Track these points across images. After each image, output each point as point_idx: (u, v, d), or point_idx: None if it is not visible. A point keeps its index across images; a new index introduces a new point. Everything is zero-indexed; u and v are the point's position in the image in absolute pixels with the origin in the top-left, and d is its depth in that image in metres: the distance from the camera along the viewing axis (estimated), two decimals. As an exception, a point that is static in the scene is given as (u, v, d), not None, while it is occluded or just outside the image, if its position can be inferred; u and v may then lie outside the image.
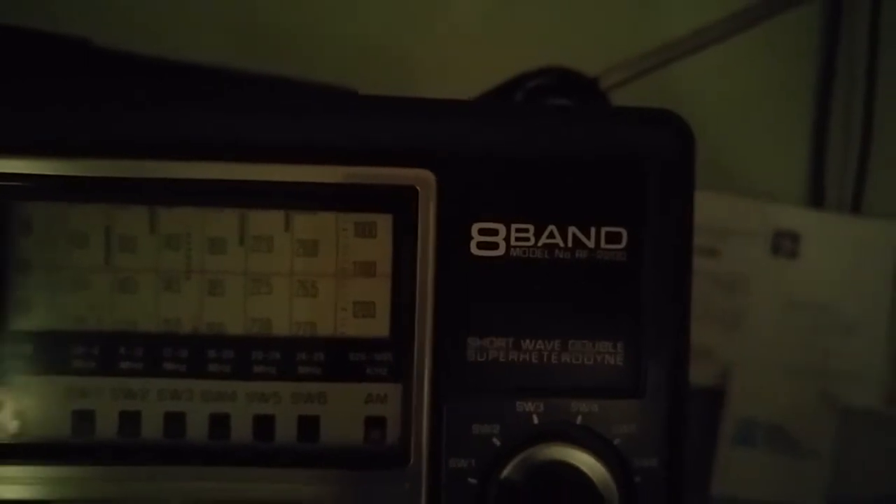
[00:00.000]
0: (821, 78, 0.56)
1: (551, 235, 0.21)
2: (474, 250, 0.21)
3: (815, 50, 0.55)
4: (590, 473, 0.20)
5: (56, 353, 0.21)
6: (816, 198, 0.57)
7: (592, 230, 0.21)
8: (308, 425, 0.21)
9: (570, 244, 0.21)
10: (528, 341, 0.21)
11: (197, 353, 0.21)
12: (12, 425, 0.21)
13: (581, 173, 0.21)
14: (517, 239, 0.21)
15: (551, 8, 0.50)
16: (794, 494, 0.55)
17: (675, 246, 0.21)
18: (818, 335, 0.56)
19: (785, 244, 0.56)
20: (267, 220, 0.21)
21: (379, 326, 0.21)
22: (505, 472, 0.20)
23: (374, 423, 0.21)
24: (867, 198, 0.56)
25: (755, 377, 0.55)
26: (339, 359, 0.21)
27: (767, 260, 0.55)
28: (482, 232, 0.21)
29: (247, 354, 0.21)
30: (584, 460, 0.20)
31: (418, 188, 0.21)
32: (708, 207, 0.44)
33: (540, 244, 0.21)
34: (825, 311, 0.56)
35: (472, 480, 0.20)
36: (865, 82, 0.56)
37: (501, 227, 0.21)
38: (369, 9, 0.48)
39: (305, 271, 0.21)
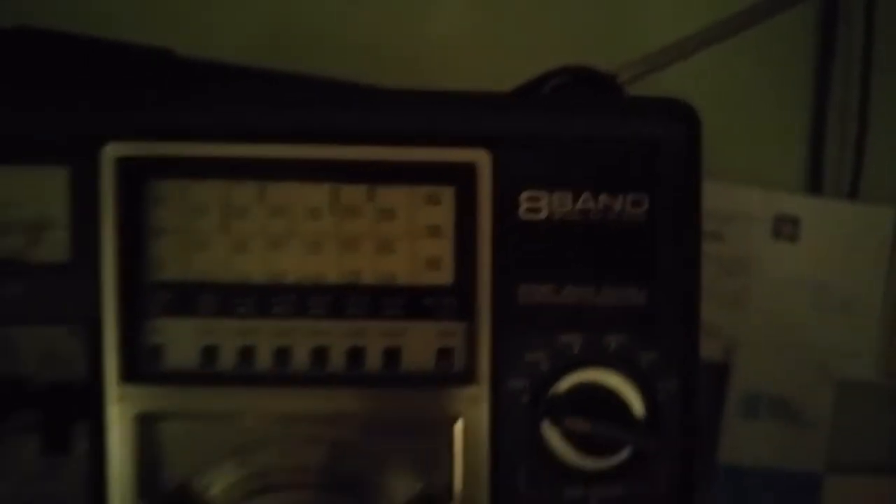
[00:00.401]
0: (818, 71, 0.58)
1: (586, 201, 0.25)
2: (522, 215, 0.26)
3: (812, 45, 0.57)
4: (621, 392, 0.24)
5: (186, 300, 0.25)
6: (815, 185, 0.59)
7: (620, 196, 0.25)
8: (392, 355, 0.25)
9: (601, 208, 0.25)
10: (567, 287, 0.25)
11: (299, 299, 0.25)
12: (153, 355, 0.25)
13: (609, 151, 0.25)
14: (558, 205, 0.25)
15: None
16: (795, 461, 0.57)
17: (686, 208, 0.25)
18: (817, 312, 0.58)
19: (785, 228, 0.58)
20: (355, 193, 0.26)
21: (445, 276, 0.26)
22: (551, 391, 0.24)
23: (444, 354, 0.25)
24: (863, 184, 0.58)
25: (758, 353, 0.57)
26: (416, 302, 0.25)
27: (769, 243, 0.57)
28: (529, 199, 0.25)
29: (342, 299, 0.25)
30: (615, 381, 0.24)
31: (476, 165, 0.25)
32: (712, 195, 0.45)
33: (577, 209, 0.25)
34: (823, 290, 0.58)
35: (524, 398, 0.24)
36: (861, 76, 0.58)
37: (545, 196, 0.25)
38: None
39: (386, 233, 0.26)
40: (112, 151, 0.23)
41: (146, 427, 0.24)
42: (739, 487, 0.56)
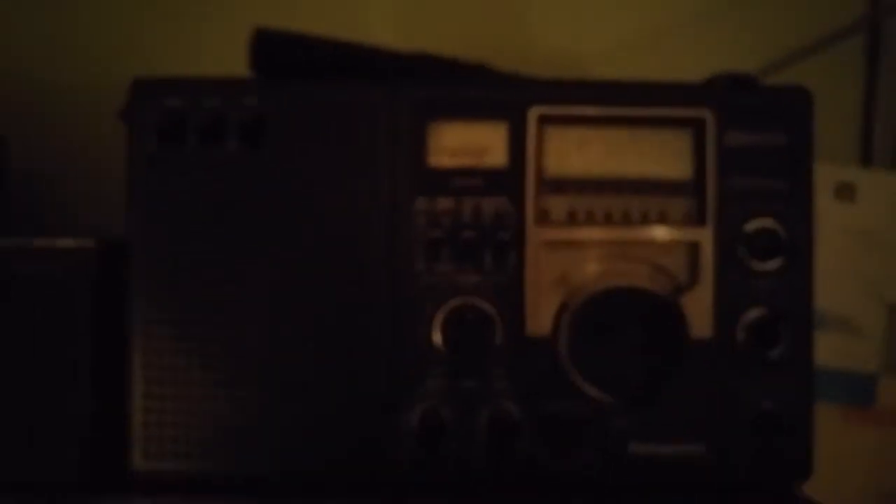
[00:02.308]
0: (868, 65, 0.74)
1: (755, 139, 0.45)
2: (727, 142, 0.44)
3: (860, 44, 0.73)
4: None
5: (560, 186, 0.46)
6: (866, 158, 0.75)
7: (770, 136, 0.45)
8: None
9: (761, 142, 0.45)
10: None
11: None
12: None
13: (766, 112, 0.46)
14: (739, 138, 0.45)
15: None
16: (855, 363, 0.70)
17: (809, 149, 0.45)
18: (871, 253, 0.71)
19: (844, 192, 0.72)
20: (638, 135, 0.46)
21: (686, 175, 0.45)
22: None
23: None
24: None
25: (826, 283, 0.64)
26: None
27: (833, 203, 0.72)
28: (730, 137, 0.44)
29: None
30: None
31: (706, 119, 0.44)
32: None
33: (749, 142, 0.45)
34: (874, 237, 0.72)
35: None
36: None
37: (740, 134, 0.44)
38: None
39: (652, 165, 0.46)
40: (535, 112, 0.43)
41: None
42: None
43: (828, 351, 0.70)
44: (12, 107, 0.68)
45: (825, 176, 0.71)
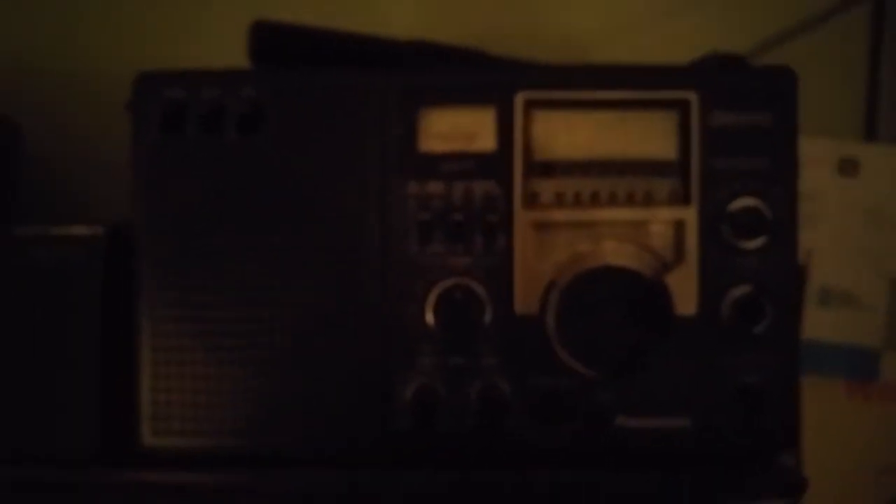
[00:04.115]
0: (872, 47, 0.74)
1: (740, 118, 0.46)
2: (712, 123, 0.45)
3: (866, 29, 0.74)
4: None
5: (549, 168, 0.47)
6: (870, 133, 0.74)
7: (755, 116, 0.46)
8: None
9: (746, 121, 0.46)
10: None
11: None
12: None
13: (751, 92, 0.46)
14: (724, 118, 0.46)
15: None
16: (858, 338, 0.71)
17: (793, 128, 0.45)
18: (872, 228, 0.71)
19: (848, 167, 0.72)
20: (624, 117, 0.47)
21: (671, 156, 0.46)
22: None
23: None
24: None
25: (829, 258, 0.71)
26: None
27: (836, 178, 0.72)
28: (715, 117, 0.45)
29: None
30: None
31: (690, 100, 0.45)
32: None
33: (733, 122, 0.46)
34: (877, 212, 0.71)
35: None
36: None
37: (725, 114, 0.45)
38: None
39: (638, 146, 0.47)
40: (522, 96, 0.44)
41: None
42: (816, 359, 0.70)
43: (831, 326, 0.71)
44: (24, 96, 0.70)
45: (828, 151, 0.72)
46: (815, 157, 0.71)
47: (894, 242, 0.72)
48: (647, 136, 0.46)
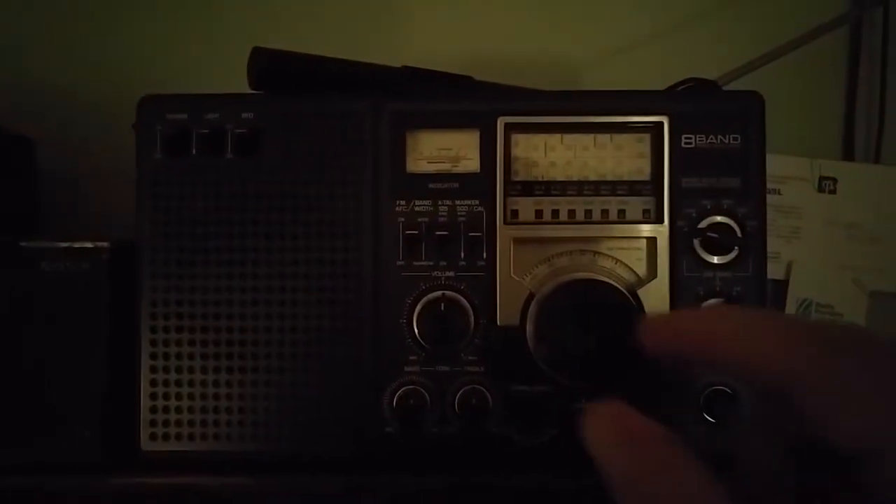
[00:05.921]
0: (849, 74, 0.77)
1: (710, 140, 0.49)
2: (683, 144, 0.48)
3: (842, 56, 0.77)
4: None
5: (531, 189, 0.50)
6: (848, 153, 0.76)
7: (724, 138, 0.49)
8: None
9: (716, 143, 0.49)
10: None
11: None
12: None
13: (720, 115, 0.49)
14: (695, 140, 0.49)
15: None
16: None
17: (760, 149, 0.48)
18: (852, 243, 0.74)
19: (827, 185, 0.75)
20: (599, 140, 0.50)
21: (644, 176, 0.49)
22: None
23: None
24: (884, 152, 0.75)
25: (809, 272, 0.73)
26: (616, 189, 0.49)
27: (815, 195, 0.74)
28: (686, 139, 0.48)
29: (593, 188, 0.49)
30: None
31: (662, 123, 0.48)
32: (772, 163, 0.51)
33: (704, 143, 0.49)
34: (855, 228, 0.74)
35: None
36: (881, 75, 0.75)
37: (695, 136, 0.48)
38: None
39: (613, 167, 0.50)
40: (503, 121, 0.47)
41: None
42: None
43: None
44: (39, 113, 0.74)
45: (808, 170, 0.75)
46: (797, 175, 0.74)
47: (872, 257, 0.75)
48: (621, 157, 0.49)
